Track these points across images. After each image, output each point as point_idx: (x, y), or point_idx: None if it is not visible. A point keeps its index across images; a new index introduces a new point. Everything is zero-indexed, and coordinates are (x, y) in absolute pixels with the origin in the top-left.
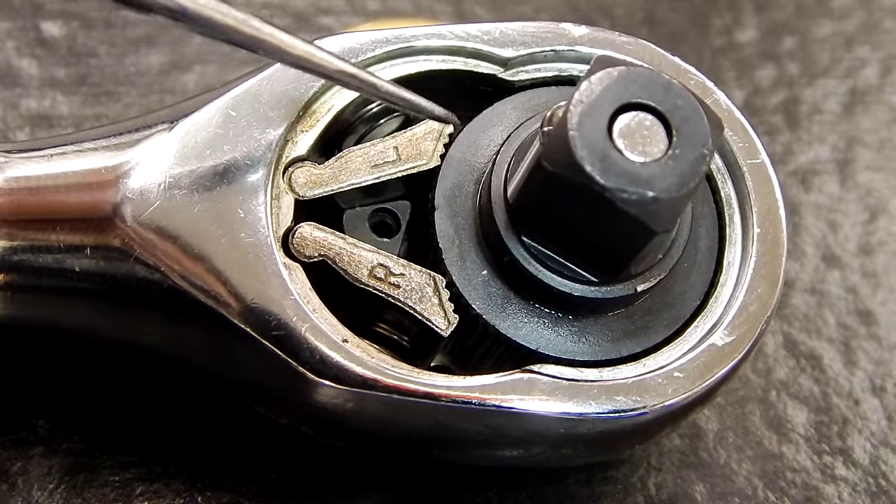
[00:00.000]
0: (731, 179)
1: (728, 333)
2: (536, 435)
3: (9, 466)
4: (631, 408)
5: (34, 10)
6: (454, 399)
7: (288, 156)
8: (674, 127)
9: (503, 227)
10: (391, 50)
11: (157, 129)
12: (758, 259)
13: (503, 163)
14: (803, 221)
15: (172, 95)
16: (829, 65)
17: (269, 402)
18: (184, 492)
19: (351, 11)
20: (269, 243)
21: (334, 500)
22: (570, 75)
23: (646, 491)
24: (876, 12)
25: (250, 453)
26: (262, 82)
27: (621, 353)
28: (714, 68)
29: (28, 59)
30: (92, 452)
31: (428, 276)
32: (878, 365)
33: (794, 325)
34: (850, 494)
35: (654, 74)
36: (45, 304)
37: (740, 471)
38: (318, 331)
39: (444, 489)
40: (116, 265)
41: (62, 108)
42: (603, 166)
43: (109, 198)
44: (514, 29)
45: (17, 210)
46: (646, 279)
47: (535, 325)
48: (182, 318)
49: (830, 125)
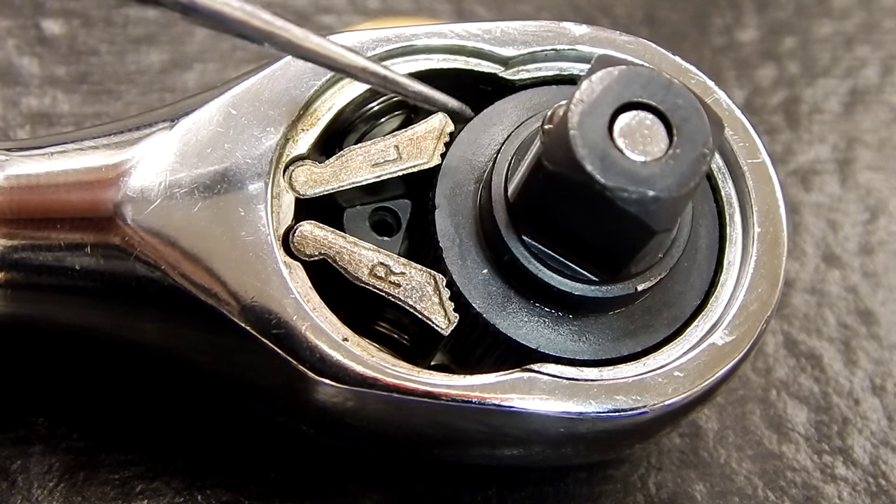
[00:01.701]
0: (731, 179)
1: (728, 333)
2: (536, 434)
3: (9, 464)
4: (631, 407)
5: (35, 8)
6: (454, 398)
7: (288, 154)
8: (674, 126)
9: (503, 227)
10: (392, 49)
11: (157, 127)
12: (758, 258)
13: (504, 162)
14: (803, 221)
15: (173, 94)
16: (829, 64)
17: (268, 400)
18: (183, 490)
19: (352, 10)
20: (270, 242)
21: (334, 499)
22: (571, 74)
23: (646, 490)
24: (876, 12)
25: (250, 452)
26: (262, 81)
27: (621, 352)
28: (714, 68)
29: (29, 57)
30: (92, 450)
31: (428, 274)
32: (878, 364)
33: (795, 325)
34: (850, 494)
35: (654, 74)
36: (45, 303)
37: (740, 470)
38: (318, 329)
39: (444, 488)
40: (116, 263)
41: (63, 107)
42: (603, 165)
43: (110, 196)
44: (515, 28)
45: (17, 208)
46: (646, 278)
47: (535, 324)
48: (182, 316)
49: (831, 125)
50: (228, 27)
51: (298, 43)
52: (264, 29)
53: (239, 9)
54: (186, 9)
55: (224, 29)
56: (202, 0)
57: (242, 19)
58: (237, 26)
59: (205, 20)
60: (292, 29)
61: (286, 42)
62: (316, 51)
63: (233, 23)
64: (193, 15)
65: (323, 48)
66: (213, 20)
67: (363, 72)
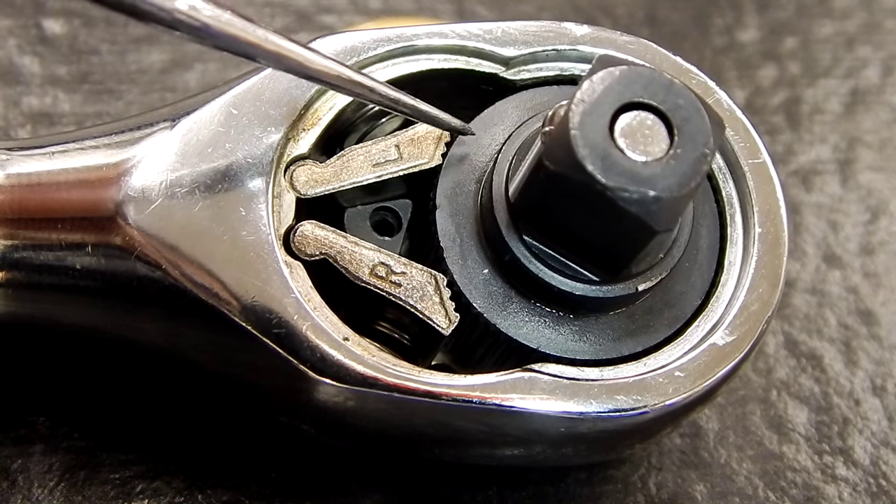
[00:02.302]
0: (732, 179)
1: (729, 333)
2: (537, 434)
3: (9, 464)
4: (632, 407)
5: (36, 8)
6: (455, 398)
7: (289, 154)
8: (675, 126)
9: (504, 226)
10: (393, 49)
11: (158, 127)
12: (759, 259)
13: (504, 162)
14: (804, 221)
15: (174, 93)
16: (830, 65)
17: (269, 400)
18: (184, 490)
19: (353, 10)
20: (271, 241)
21: (335, 499)
22: (572, 74)
23: (646, 490)
24: (877, 12)
25: (251, 451)
26: (263, 80)
27: (622, 352)
28: (715, 68)
29: (30, 57)
30: (92, 450)
31: (429, 274)
32: (878, 365)
33: (795, 325)
34: (850, 494)
35: (655, 74)
36: (46, 302)
37: (741, 470)
38: (318, 329)
39: (444, 488)
40: (117, 263)
41: (63, 106)
42: (604, 165)
43: (111, 196)
44: (516, 28)
45: (18, 207)
46: (647, 278)
47: (535, 323)
48: (183, 316)
49: (832, 125)
50: (218, 42)
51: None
52: (264, 49)
53: (229, 24)
54: (174, 24)
55: (214, 44)
56: (190, 15)
57: (235, 35)
58: (226, 41)
59: (195, 35)
60: (287, 45)
61: (280, 59)
62: (309, 67)
63: (223, 38)
64: (181, 29)
65: (313, 63)
66: (203, 35)
67: (364, 89)
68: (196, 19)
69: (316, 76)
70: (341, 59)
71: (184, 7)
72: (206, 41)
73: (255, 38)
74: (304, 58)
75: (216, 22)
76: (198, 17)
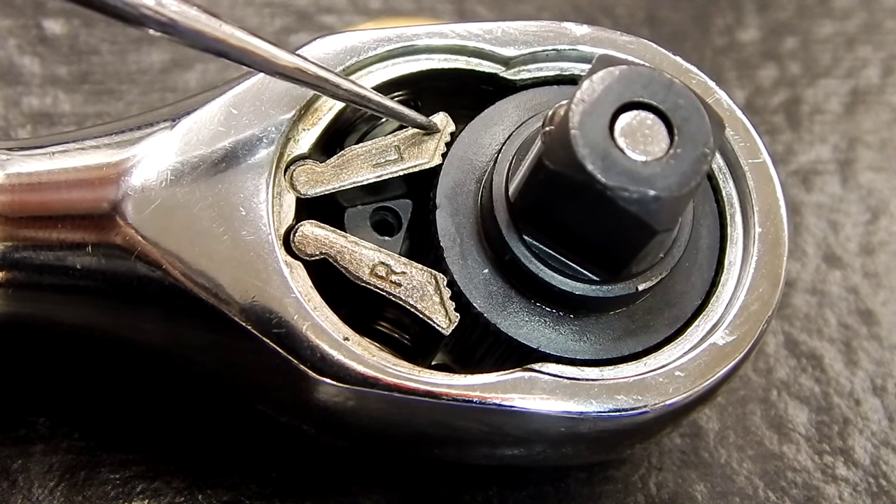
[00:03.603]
0: (732, 179)
1: (729, 333)
2: (537, 434)
3: (9, 464)
4: (632, 407)
5: (36, 8)
6: (455, 398)
7: (289, 154)
8: (675, 126)
9: (504, 226)
10: (393, 49)
11: (158, 127)
12: (759, 259)
13: (505, 161)
14: (804, 221)
15: (174, 93)
16: (830, 65)
17: (269, 400)
18: (184, 490)
19: (353, 10)
20: (271, 241)
21: (335, 499)
22: (572, 74)
23: (646, 490)
24: (877, 13)
25: (251, 451)
26: (264, 80)
27: (622, 352)
28: (715, 68)
29: (30, 57)
30: (92, 450)
31: (429, 274)
32: (878, 365)
33: (796, 325)
34: (850, 494)
35: (655, 74)
36: (46, 302)
37: (741, 470)
38: (319, 329)
39: (444, 488)
40: (117, 263)
41: (64, 106)
42: (604, 165)
43: (111, 195)
44: (516, 28)
45: (18, 207)
46: (647, 278)
47: (536, 323)
48: (183, 316)
49: (832, 125)
50: (185, 39)
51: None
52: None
53: (195, 19)
54: (167, 28)
55: (182, 41)
56: (183, 20)
57: (201, 30)
58: (193, 37)
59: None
60: (271, 50)
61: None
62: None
63: (189, 34)
64: (174, 34)
65: (279, 59)
66: (168, 31)
67: (335, 88)
68: (162, 14)
69: (282, 72)
70: (341, 60)
71: (150, 2)
72: (175, 37)
73: (221, 34)
74: (270, 53)
75: (183, 18)
76: (164, 12)
